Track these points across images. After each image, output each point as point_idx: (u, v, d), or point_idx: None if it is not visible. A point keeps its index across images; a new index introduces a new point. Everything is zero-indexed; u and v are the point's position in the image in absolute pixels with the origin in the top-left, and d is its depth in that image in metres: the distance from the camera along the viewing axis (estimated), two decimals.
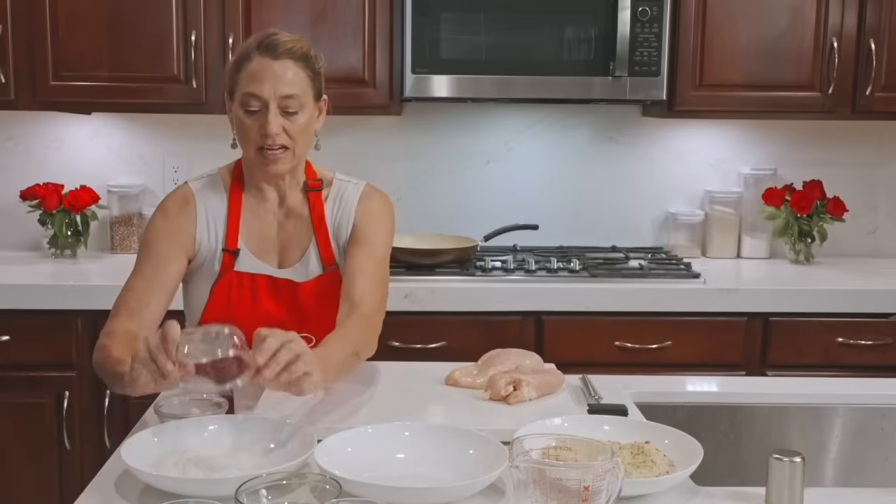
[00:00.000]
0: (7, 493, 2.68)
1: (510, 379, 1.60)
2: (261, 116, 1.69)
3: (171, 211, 1.79)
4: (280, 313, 1.76)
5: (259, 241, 1.80)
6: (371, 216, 1.82)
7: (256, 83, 1.67)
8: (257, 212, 1.81)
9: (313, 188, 1.82)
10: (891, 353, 2.70)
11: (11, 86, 2.83)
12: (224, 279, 1.77)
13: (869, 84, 2.88)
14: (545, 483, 1.07)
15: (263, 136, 1.69)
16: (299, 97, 1.70)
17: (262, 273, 1.79)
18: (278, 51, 1.69)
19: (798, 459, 1.21)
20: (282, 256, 1.81)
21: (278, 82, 1.67)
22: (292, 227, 1.82)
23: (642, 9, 2.76)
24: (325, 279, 1.79)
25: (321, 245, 1.80)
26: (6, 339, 2.62)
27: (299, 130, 1.72)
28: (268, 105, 1.68)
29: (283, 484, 1.14)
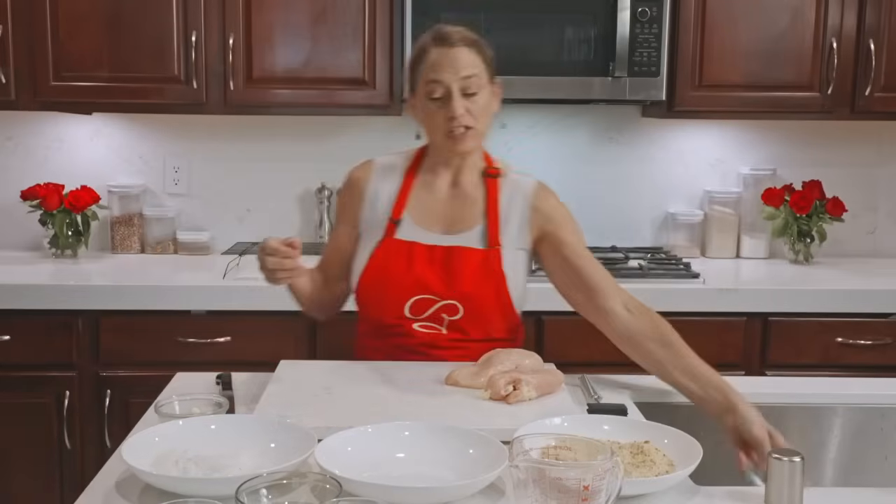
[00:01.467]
0: (8, 493, 2.68)
1: (510, 379, 1.61)
2: (445, 102, 1.79)
3: (347, 186, 1.98)
4: (430, 278, 1.84)
5: (424, 212, 1.90)
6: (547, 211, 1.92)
7: (437, 71, 1.79)
8: (428, 191, 1.92)
9: (492, 175, 1.92)
10: (890, 353, 2.70)
11: (12, 86, 2.83)
12: (384, 244, 1.88)
13: (868, 84, 2.88)
14: (545, 482, 1.08)
15: (449, 119, 1.79)
16: (478, 77, 1.80)
17: (419, 241, 1.87)
18: (453, 39, 1.80)
19: (797, 459, 1.21)
20: (448, 226, 1.89)
21: (457, 66, 1.78)
22: (460, 206, 1.90)
23: (642, 9, 2.77)
24: (486, 255, 1.86)
25: (490, 227, 1.87)
26: (7, 339, 2.63)
27: (481, 110, 1.82)
28: (450, 89, 1.78)
29: (283, 483, 1.14)
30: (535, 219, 1.90)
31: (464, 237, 1.87)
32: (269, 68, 2.86)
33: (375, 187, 1.94)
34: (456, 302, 1.83)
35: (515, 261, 1.88)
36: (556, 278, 1.88)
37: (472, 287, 1.83)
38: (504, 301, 1.86)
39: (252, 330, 2.65)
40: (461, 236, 1.87)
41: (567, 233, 1.90)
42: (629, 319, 1.74)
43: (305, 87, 2.87)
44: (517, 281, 1.88)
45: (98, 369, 2.66)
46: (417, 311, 1.85)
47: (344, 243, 1.95)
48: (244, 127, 3.16)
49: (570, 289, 1.85)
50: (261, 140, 3.20)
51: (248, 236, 3.25)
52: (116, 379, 2.66)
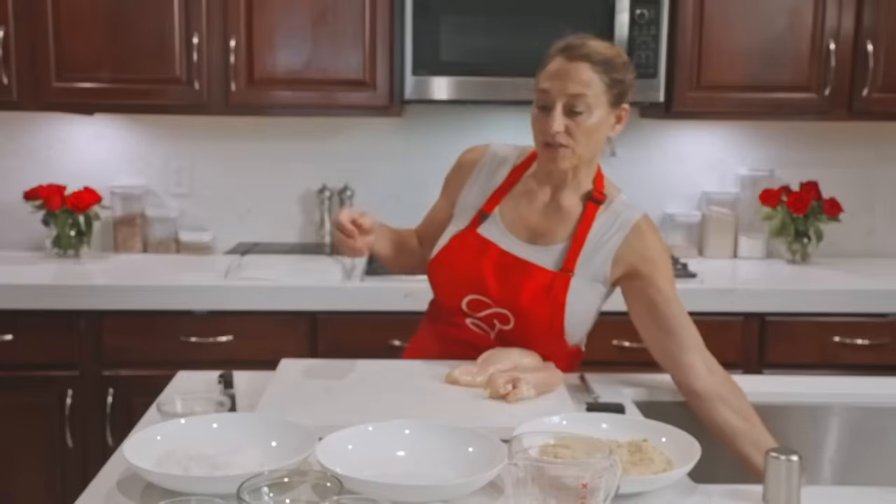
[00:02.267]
0: (10, 492, 2.69)
1: (509, 377, 1.61)
2: (548, 113, 1.73)
3: (457, 166, 1.97)
4: (491, 281, 1.79)
5: (514, 216, 1.84)
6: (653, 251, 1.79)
7: (548, 81, 1.74)
8: (527, 196, 1.85)
9: (596, 199, 1.82)
10: (887, 353, 2.71)
11: (14, 87, 2.84)
12: (463, 234, 1.85)
13: (866, 85, 2.89)
14: (544, 481, 1.08)
15: (546, 132, 1.73)
16: (587, 98, 1.71)
17: (497, 243, 1.82)
18: (576, 53, 1.73)
19: (795, 458, 1.21)
20: (532, 236, 1.83)
21: (568, 81, 1.71)
22: (552, 221, 1.83)
23: (640, 11, 2.78)
24: (553, 278, 1.78)
25: (572, 249, 1.78)
26: (10, 339, 2.64)
27: (583, 132, 1.73)
28: (554, 102, 1.72)
29: (284, 481, 1.15)
30: (626, 254, 1.77)
31: (542, 252, 1.80)
32: (271, 69, 2.86)
33: (481, 174, 1.91)
34: (508, 312, 1.78)
35: (586, 291, 1.79)
36: (639, 319, 1.81)
37: (527, 303, 1.76)
38: (557, 328, 1.77)
39: (253, 329, 2.66)
40: (540, 250, 1.80)
41: (660, 276, 1.77)
42: (708, 380, 1.70)
43: (306, 88, 2.88)
44: (581, 312, 1.79)
45: (100, 369, 2.67)
46: (473, 309, 1.82)
47: (440, 216, 1.95)
48: (245, 128, 3.17)
49: (652, 332, 1.78)
50: (262, 141, 3.21)
51: (250, 236, 3.26)
52: (118, 378, 2.67)
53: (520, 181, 1.87)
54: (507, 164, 1.90)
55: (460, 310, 1.83)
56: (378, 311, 2.69)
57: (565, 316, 1.76)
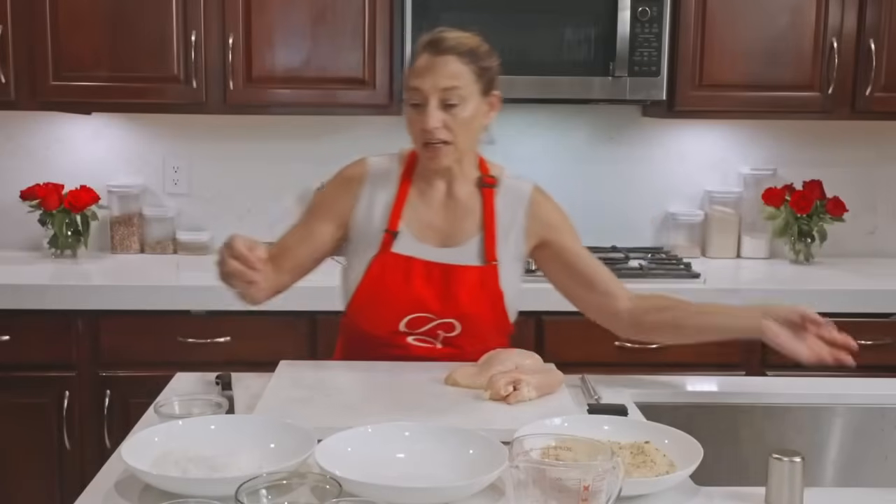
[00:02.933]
0: (7, 493, 2.68)
1: (510, 379, 1.61)
2: (422, 111, 1.73)
3: (338, 181, 1.89)
4: (428, 297, 1.80)
5: (422, 226, 1.84)
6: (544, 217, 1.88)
7: (418, 78, 1.73)
8: (423, 200, 1.85)
9: (488, 185, 1.85)
10: (890, 354, 2.70)
11: (12, 86, 2.83)
12: (380, 258, 1.82)
13: (868, 84, 2.88)
14: (545, 483, 1.07)
15: (424, 130, 1.74)
16: (460, 90, 1.72)
17: (418, 257, 1.81)
18: (441, 47, 1.73)
19: (798, 459, 1.21)
20: (444, 240, 1.84)
21: (439, 76, 1.72)
22: (459, 218, 1.84)
23: (642, 9, 2.77)
24: (482, 272, 1.82)
25: (487, 241, 1.83)
26: (6, 339, 2.63)
27: (461, 124, 1.74)
28: (428, 98, 1.72)
29: (283, 483, 1.14)
30: (533, 227, 1.86)
31: (460, 251, 1.83)
32: (269, 68, 2.86)
33: (371, 192, 1.86)
34: (453, 320, 1.81)
35: (512, 273, 1.86)
36: (559, 282, 1.88)
37: (469, 307, 1.80)
38: (500, 316, 1.84)
39: (252, 330, 2.65)
40: (457, 250, 1.83)
41: (568, 238, 1.88)
42: (635, 300, 1.82)
43: (305, 86, 2.87)
44: (513, 293, 1.86)
45: (98, 369, 2.66)
46: (413, 327, 1.82)
47: (323, 241, 1.86)
48: (244, 127, 3.16)
49: (576, 290, 1.86)
50: (261, 140, 3.20)
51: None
52: (116, 379, 2.66)
53: (412, 188, 1.86)
54: (392, 176, 1.88)
55: (399, 332, 1.82)
56: None
57: (506, 303, 1.83)
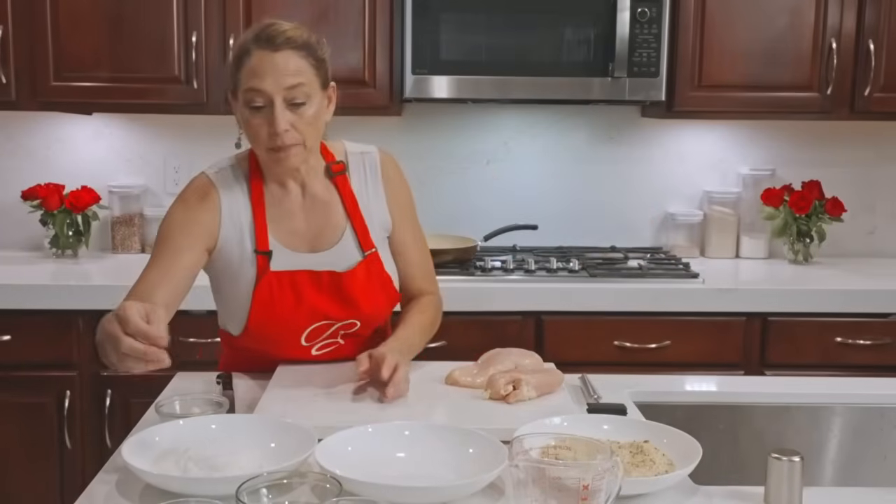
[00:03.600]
0: (8, 493, 2.68)
1: (510, 378, 1.61)
2: (267, 113, 1.61)
3: (191, 202, 1.71)
4: (325, 305, 1.74)
5: (289, 235, 1.74)
6: (399, 186, 1.85)
7: (258, 78, 1.60)
8: (282, 206, 1.75)
9: (338, 172, 1.78)
10: (889, 353, 2.71)
11: (12, 86, 2.83)
12: (263, 282, 1.71)
13: (867, 85, 2.89)
14: (544, 482, 1.08)
15: (272, 134, 1.61)
16: (304, 87, 1.62)
17: (300, 269, 1.73)
18: (277, 42, 1.61)
19: (797, 459, 1.21)
20: (314, 243, 1.76)
21: (280, 74, 1.59)
22: (322, 214, 1.77)
23: (641, 10, 2.77)
24: (366, 265, 1.77)
25: (358, 230, 1.77)
26: (8, 339, 2.63)
27: (308, 123, 1.64)
28: (272, 100, 1.60)
29: (283, 483, 1.14)
30: (390, 193, 1.82)
31: (338, 251, 1.75)
32: None
33: (228, 201, 1.71)
34: (352, 320, 1.77)
35: (386, 247, 1.82)
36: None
37: (368, 306, 1.76)
38: (392, 297, 1.83)
39: None
40: (335, 251, 1.75)
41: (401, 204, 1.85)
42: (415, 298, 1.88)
43: None
44: (393, 267, 1.84)
45: (98, 369, 2.66)
46: (314, 337, 1.77)
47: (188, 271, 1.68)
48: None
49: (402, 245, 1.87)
50: None
51: None
52: (117, 379, 2.66)
53: (266, 197, 1.73)
54: (241, 187, 1.73)
55: (300, 346, 1.77)
56: None
57: (393, 283, 1.83)
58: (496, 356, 1.73)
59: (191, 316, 2.65)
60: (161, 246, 1.70)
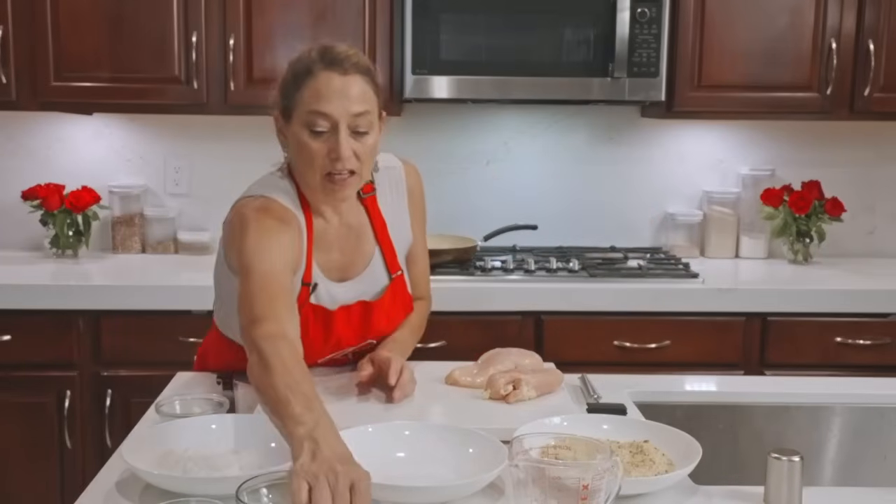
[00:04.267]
0: (8, 493, 2.68)
1: (510, 378, 1.61)
2: (329, 138, 1.54)
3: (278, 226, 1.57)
4: (350, 337, 1.73)
5: (327, 265, 1.69)
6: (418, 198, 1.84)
7: (324, 101, 1.52)
8: (324, 237, 1.69)
9: (368, 194, 1.72)
10: (889, 353, 2.71)
11: (13, 86, 2.83)
12: (302, 314, 1.61)
13: (867, 85, 2.89)
14: (544, 482, 1.08)
15: (334, 160, 1.54)
16: (369, 115, 1.56)
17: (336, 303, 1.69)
18: (346, 65, 1.54)
19: (796, 458, 1.21)
20: (345, 273, 1.71)
21: (348, 100, 1.53)
22: (353, 240, 1.72)
23: (641, 10, 2.77)
24: (392, 290, 1.75)
25: (386, 253, 1.74)
26: (8, 339, 2.63)
27: (368, 152, 1.58)
28: (338, 125, 1.53)
29: (283, 483, 1.14)
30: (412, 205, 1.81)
31: (365, 277, 1.72)
32: (270, 68, 2.85)
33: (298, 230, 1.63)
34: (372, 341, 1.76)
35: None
36: None
37: (390, 328, 1.77)
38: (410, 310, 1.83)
39: None
40: (362, 278, 1.72)
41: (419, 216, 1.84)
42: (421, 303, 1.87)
43: None
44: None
45: (99, 369, 2.66)
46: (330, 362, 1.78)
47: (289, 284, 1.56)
48: (245, 127, 3.15)
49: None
50: (261, 140, 3.16)
51: None
52: (117, 379, 2.66)
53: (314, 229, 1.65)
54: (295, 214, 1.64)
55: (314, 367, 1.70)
56: None
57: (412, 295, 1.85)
58: (496, 356, 1.74)
59: (192, 316, 2.66)
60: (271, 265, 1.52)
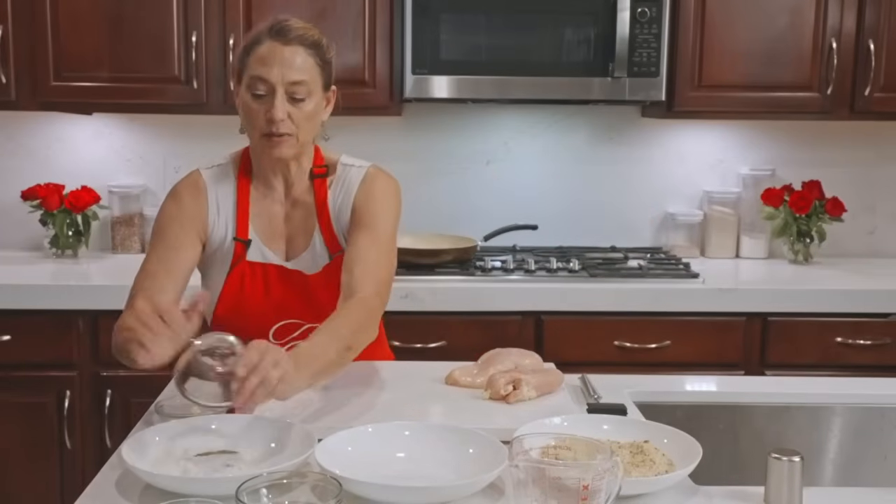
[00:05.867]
0: (8, 493, 2.68)
1: (510, 378, 1.61)
2: (267, 101, 1.68)
3: (183, 197, 1.79)
4: (291, 302, 1.77)
5: (268, 232, 1.80)
6: (372, 197, 1.80)
7: (265, 67, 1.67)
8: (265, 202, 1.81)
9: (318, 175, 1.81)
10: (889, 353, 2.71)
11: (12, 86, 2.83)
12: (237, 269, 1.78)
13: (868, 84, 2.89)
14: (544, 482, 1.08)
15: (269, 121, 1.68)
16: (307, 84, 1.69)
17: (272, 262, 1.79)
18: (289, 36, 1.68)
19: (797, 459, 1.21)
20: (289, 247, 1.81)
21: (287, 67, 1.67)
22: (298, 217, 1.81)
23: (641, 10, 2.77)
24: (333, 268, 1.78)
25: (325, 232, 1.79)
26: (7, 339, 2.63)
27: (305, 118, 1.71)
28: (275, 90, 1.67)
29: (283, 483, 1.14)
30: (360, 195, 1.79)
31: (307, 257, 1.79)
32: None
33: (215, 198, 1.79)
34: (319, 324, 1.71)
35: None
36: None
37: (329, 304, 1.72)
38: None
39: None
40: (303, 258, 1.79)
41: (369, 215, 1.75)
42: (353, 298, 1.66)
43: None
44: None
45: (98, 369, 2.66)
46: (283, 335, 1.78)
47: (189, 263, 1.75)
48: None
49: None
50: None
51: None
52: (117, 379, 2.66)
53: (252, 191, 1.81)
54: (229, 179, 1.81)
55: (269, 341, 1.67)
56: None
57: None
58: (496, 356, 1.73)
59: None
60: (159, 240, 1.75)
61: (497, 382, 1.60)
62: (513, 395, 1.59)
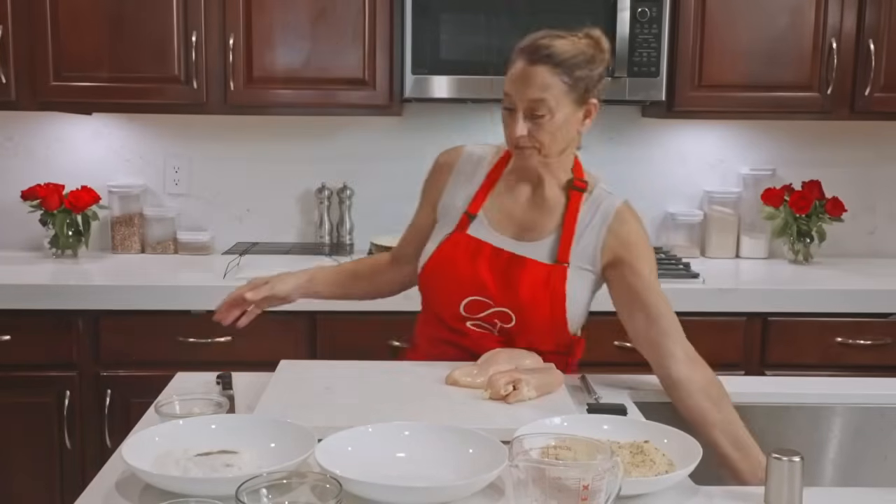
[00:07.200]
0: (8, 493, 2.68)
1: (510, 378, 1.61)
2: (513, 116, 1.75)
3: (434, 169, 1.96)
4: (489, 281, 1.79)
5: (500, 214, 1.85)
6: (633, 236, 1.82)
7: (511, 85, 1.74)
8: (509, 191, 1.87)
9: (578, 188, 1.83)
10: (889, 353, 2.71)
11: (12, 86, 2.83)
12: (453, 236, 1.85)
13: (868, 84, 2.89)
14: (544, 482, 1.08)
15: (511, 135, 1.76)
16: (547, 102, 1.72)
17: (488, 242, 1.82)
18: (535, 56, 1.72)
19: (797, 459, 1.21)
20: (522, 233, 1.84)
21: (527, 87, 1.72)
22: (538, 214, 1.84)
23: (641, 10, 2.77)
24: (550, 271, 1.78)
25: (563, 240, 1.80)
26: (7, 339, 2.63)
27: (546, 133, 1.74)
28: (516, 106, 1.73)
29: (283, 483, 1.14)
30: (610, 242, 1.79)
31: (534, 246, 1.81)
32: (270, 68, 2.86)
33: (458, 176, 1.91)
34: (509, 311, 1.78)
35: (580, 281, 1.79)
36: (621, 306, 1.80)
37: (527, 300, 1.77)
38: (559, 320, 1.79)
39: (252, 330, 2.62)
40: (531, 245, 1.81)
41: (640, 261, 1.78)
42: (686, 367, 1.67)
43: (305, 87, 2.87)
44: (579, 302, 1.80)
45: (98, 369, 2.66)
46: (472, 311, 1.81)
47: (423, 224, 1.94)
48: (244, 127, 3.16)
49: (634, 319, 1.77)
50: (261, 140, 3.20)
51: (249, 236, 3.26)
52: (117, 379, 2.66)
53: (500, 179, 1.88)
54: (484, 164, 1.90)
55: (459, 314, 1.81)
56: (377, 311, 2.66)
57: (566, 307, 1.78)
58: (496, 356, 1.73)
59: (191, 316, 2.66)
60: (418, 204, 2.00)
61: (497, 382, 1.60)
62: (513, 395, 1.58)
